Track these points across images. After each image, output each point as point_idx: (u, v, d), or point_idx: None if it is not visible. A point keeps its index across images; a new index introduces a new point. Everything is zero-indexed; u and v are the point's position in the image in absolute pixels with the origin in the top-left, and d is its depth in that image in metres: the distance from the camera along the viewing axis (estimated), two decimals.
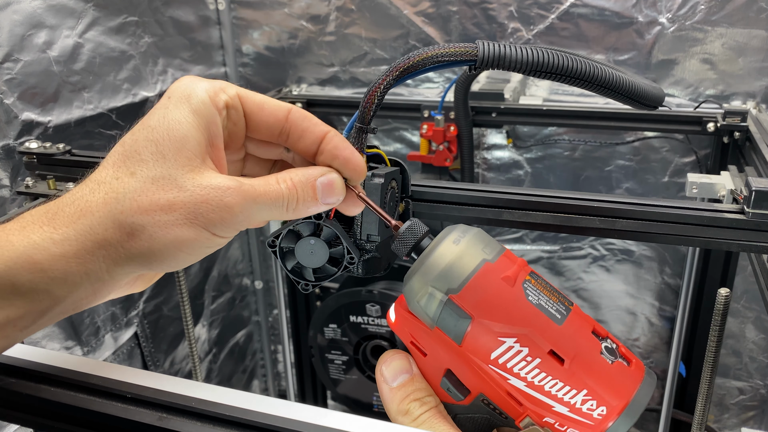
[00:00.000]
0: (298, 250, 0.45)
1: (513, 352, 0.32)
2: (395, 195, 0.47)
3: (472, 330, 0.33)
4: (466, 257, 0.34)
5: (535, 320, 0.33)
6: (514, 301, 0.33)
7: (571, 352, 0.33)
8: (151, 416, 0.39)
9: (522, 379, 0.32)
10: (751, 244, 0.52)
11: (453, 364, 0.34)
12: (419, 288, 0.34)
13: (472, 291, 0.33)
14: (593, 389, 0.32)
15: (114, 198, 0.34)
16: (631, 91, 0.43)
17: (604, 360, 0.33)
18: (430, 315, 0.34)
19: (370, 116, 0.42)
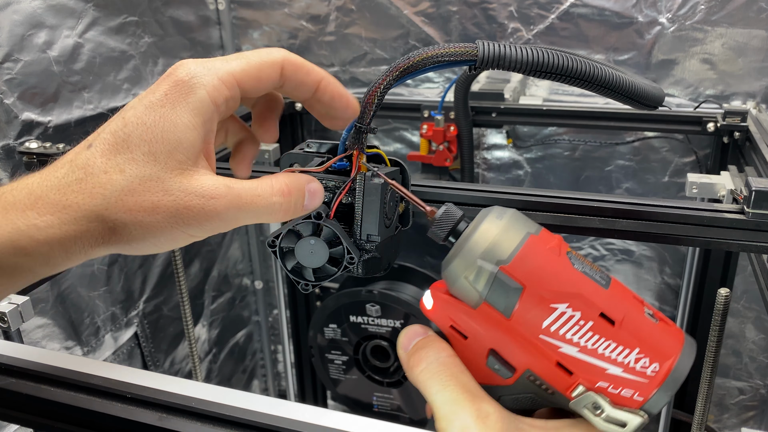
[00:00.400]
0: (298, 250, 0.45)
1: (566, 317, 0.33)
2: (395, 195, 0.47)
3: (523, 300, 0.33)
4: (512, 230, 0.35)
5: (584, 285, 0.34)
6: (563, 268, 0.34)
7: (620, 313, 0.33)
8: (151, 416, 0.39)
9: (575, 345, 0.33)
10: (751, 244, 0.53)
11: (497, 343, 0.35)
12: (466, 266, 0.35)
13: (521, 260, 0.34)
14: (645, 347, 0.33)
15: (101, 194, 0.35)
16: (631, 91, 0.43)
17: (650, 320, 0.34)
18: (479, 290, 0.34)
19: (370, 116, 0.42)
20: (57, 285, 0.95)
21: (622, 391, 0.33)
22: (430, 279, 1.17)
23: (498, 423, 0.34)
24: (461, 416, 0.34)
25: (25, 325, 0.88)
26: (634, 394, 0.33)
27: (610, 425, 0.33)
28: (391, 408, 1.23)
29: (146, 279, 1.15)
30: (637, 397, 0.33)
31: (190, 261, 1.28)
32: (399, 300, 1.11)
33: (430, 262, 1.36)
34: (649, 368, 0.33)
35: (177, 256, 0.99)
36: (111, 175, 0.35)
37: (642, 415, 0.33)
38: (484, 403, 0.34)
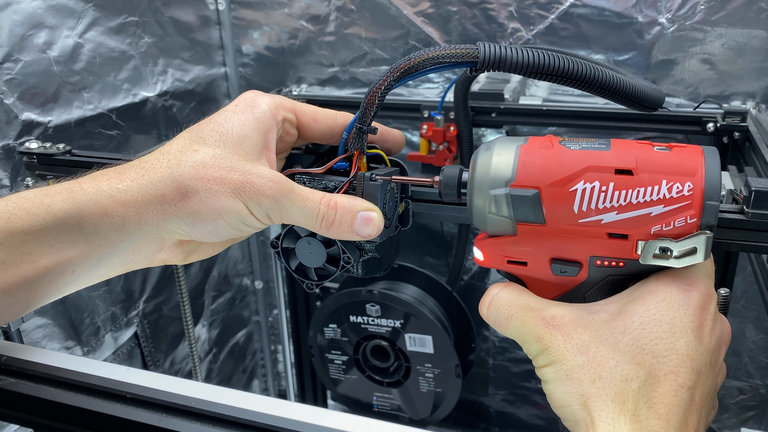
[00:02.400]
0: (298, 249, 0.46)
1: (588, 192, 0.34)
2: (395, 195, 0.47)
3: (545, 200, 0.35)
4: (504, 152, 0.37)
5: (586, 158, 0.35)
6: (561, 155, 0.36)
7: (631, 161, 0.35)
8: (151, 416, 0.39)
9: (611, 210, 0.34)
10: (751, 244, 0.52)
11: (553, 251, 0.36)
12: (483, 201, 0.37)
13: (523, 169, 0.36)
14: (670, 175, 0.34)
15: (176, 164, 0.41)
16: (631, 93, 0.44)
17: (661, 152, 0.35)
18: (506, 215, 0.36)
19: (371, 117, 0.43)
20: None
21: (675, 222, 0.34)
22: (430, 279, 1.18)
23: (566, 317, 0.36)
24: (530, 334, 0.36)
25: (25, 325, 0.89)
26: (686, 218, 0.34)
27: (684, 258, 0.34)
28: (391, 408, 1.23)
29: (146, 279, 1.16)
30: (690, 219, 0.34)
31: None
32: (399, 300, 1.11)
33: (430, 262, 1.36)
34: (684, 189, 0.34)
35: None
36: (186, 152, 0.41)
37: (705, 232, 0.34)
38: (546, 311, 0.37)
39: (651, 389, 0.33)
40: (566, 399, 0.34)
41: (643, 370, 0.33)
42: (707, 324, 0.35)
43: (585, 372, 0.34)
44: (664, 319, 0.34)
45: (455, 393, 1.16)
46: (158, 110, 1.13)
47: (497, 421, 1.44)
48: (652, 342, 0.33)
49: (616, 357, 0.34)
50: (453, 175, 0.40)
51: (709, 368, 0.34)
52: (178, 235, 0.42)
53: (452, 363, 1.13)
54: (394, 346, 1.16)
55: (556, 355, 0.35)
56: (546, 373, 0.36)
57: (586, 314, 0.36)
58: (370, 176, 0.44)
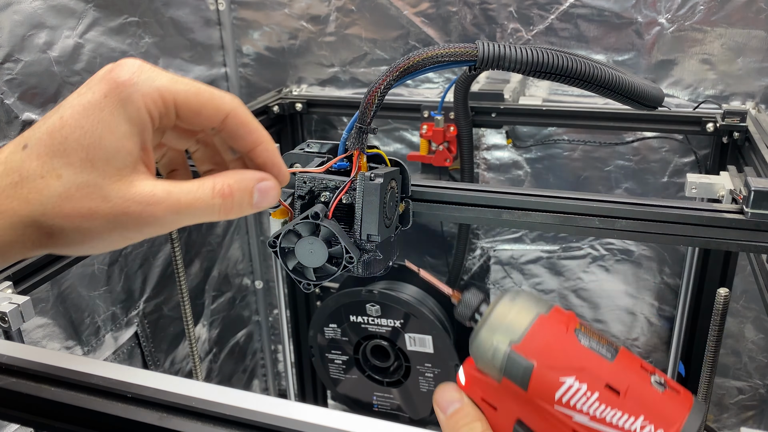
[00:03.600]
0: (298, 249, 0.46)
1: (574, 389, 0.36)
2: (395, 195, 0.47)
3: (535, 375, 0.36)
4: (523, 312, 0.38)
5: (589, 359, 0.37)
6: (569, 344, 0.37)
7: (624, 384, 0.36)
8: (152, 416, 0.39)
9: (585, 414, 0.36)
10: (751, 244, 0.53)
11: (522, 413, 0.38)
12: (486, 345, 0.38)
13: (531, 339, 0.37)
14: (649, 415, 0.35)
15: (38, 200, 0.35)
16: (630, 91, 0.44)
17: (654, 389, 0.37)
18: (497, 367, 0.37)
19: (371, 116, 0.43)
20: (57, 285, 0.95)
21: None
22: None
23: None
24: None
25: (26, 325, 0.89)
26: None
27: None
28: (391, 408, 1.23)
29: (146, 279, 1.16)
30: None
31: (190, 261, 1.28)
32: (399, 300, 1.11)
33: (430, 262, 1.36)
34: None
35: (177, 256, 0.99)
36: (48, 180, 0.35)
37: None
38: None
39: None
40: None
41: None
42: None
43: None
44: None
45: None
46: None
47: None
48: None
49: None
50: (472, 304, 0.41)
51: None
52: None
53: (452, 363, 1.13)
54: (394, 346, 1.16)
55: None
56: None
57: None
58: (370, 176, 0.44)
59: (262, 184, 0.39)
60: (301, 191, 0.46)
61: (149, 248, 1.15)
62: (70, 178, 0.35)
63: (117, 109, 0.35)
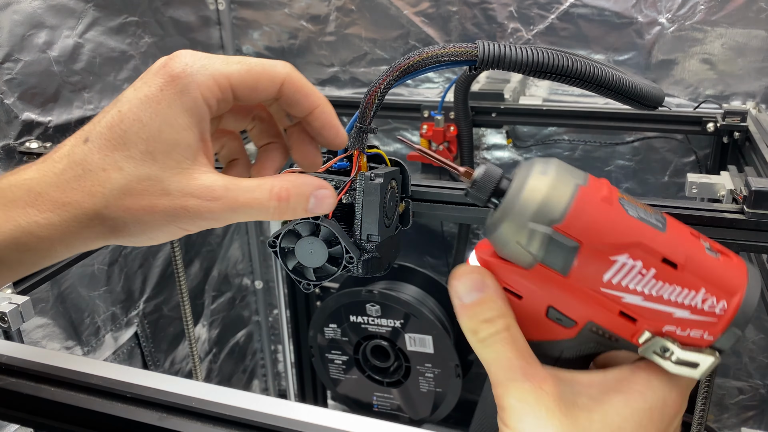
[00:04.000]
0: (298, 249, 0.45)
1: (627, 268, 0.32)
2: (395, 195, 0.47)
3: (580, 257, 0.32)
4: (560, 186, 0.33)
5: (642, 232, 0.32)
6: (618, 217, 0.32)
7: (681, 255, 0.32)
8: (152, 416, 0.39)
9: (639, 294, 0.32)
10: (751, 244, 0.53)
11: (555, 300, 0.33)
12: (517, 230, 0.32)
13: (575, 217, 0.32)
14: (710, 286, 0.32)
15: (101, 192, 0.36)
16: (630, 91, 0.43)
17: (711, 257, 0.33)
18: (533, 252, 0.32)
19: (371, 116, 0.42)
20: (57, 285, 0.95)
21: (690, 332, 0.32)
22: (430, 279, 1.18)
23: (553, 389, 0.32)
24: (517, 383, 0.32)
25: (26, 325, 0.89)
26: (703, 334, 0.32)
27: (681, 367, 0.32)
28: (391, 408, 1.23)
29: (146, 279, 1.16)
30: (707, 336, 0.32)
31: (190, 261, 1.28)
32: (399, 300, 1.11)
33: (430, 262, 1.36)
34: (717, 307, 0.32)
35: (177, 256, 0.99)
36: (109, 173, 0.36)
37: (714, 354, 0.32)
38: (539, 370, 0.33)
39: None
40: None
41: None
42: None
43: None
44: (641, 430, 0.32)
45: (455, 393, 1.16)
46: None
47: None
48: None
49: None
50: (492, 178, 0.34)
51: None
52: None
53: (452, 363, 1.13)
54: (394, 346, 1.16)
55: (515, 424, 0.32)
56: None
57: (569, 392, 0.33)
58: (370, 176, 0.44)
59: (320, 191, 0.39)
60: None
61: (149, 248, 1.15)
62: (131, 170, 0.36)
63: (174, 102, 0.36)
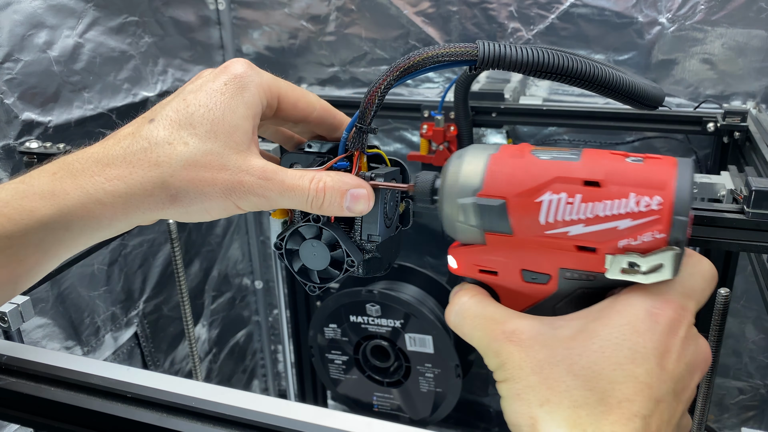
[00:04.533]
0: (302, 252, 0.46)
1: (555, 203, 0.34)
2: (395, 195, 0.47)
3: (511, 209, 0.35)
4: (474, 160, 0.37)
5: (555, 168, 0.35)
6: (529, 164, 0.35)
7: (600, 173, 0.34)
8: (151, 416, 0.39)
9: (578, 222, 0.34)
10: (751, 244, 0.52)
11: (522, 262, 0.36)
12: (452, 210, 0.37)
13: (491, 178, 0.35)
14: (638, 188, 0.33)
15: (167, 162, 0.39)
16: (631, 91, 0.43)
17: (633, 163, 0.34)
18: (474, 224, 0.36)
19: (371, 116, 0.42)
20: (57, 285, 0.95)
21: (642, 237, 0.33)
22: (430, 279, 1.17)
23: (526, 333, 0.35)
24: (490, 347, 0.35)
25: (25, 325, 0.89)
26: (654, 232, 0.33)
27: (652, 275, 0.33)
28: (391, 408, 1.23)
29: (146, 279, 1.16)
30: (658, 234, 0.33)
31: (190, 261, 1.28)
32: (399, 300, 1.11)
33: (430, 262, 1.36)
34: (653, 203, 0.33)
35: (177, 256, 0.99)
36: (175, 146, 0.39)
37: (673, 249, 0.33)
38: (508, 323, 0.35)
39: (601, 417, 0.31)
40: (516, 419, 0.34)
41: (594, 396, 0.32)
42: (674, 350, 0.33)
43: (535, 394, 0.33)
44: (626, 344, 0.32)
45: (455, 393, 1.16)
46: None
47: (497, 421, 1.44)
48: (610, 367, 0.32)
49: (569, 380, 0.32)
50: (426, 182, 0.40)
51: (671, 396, 0.33)
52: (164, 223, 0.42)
53: (452, 363, 1.13)
54: (394, 346, 1.16)
55: (511, 372, 0.34)
56: (501, 389, 0.35)
57: (549, 329, 0.34)
58: (370, 176, 0.44)
59: (356, 190, 0.42)
60: None
61: (149, 248, 1.15)
62: (196, 145, 0.39)
63: (236, 95, 0.40)
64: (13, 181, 0.40)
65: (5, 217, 0.37)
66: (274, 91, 0.43)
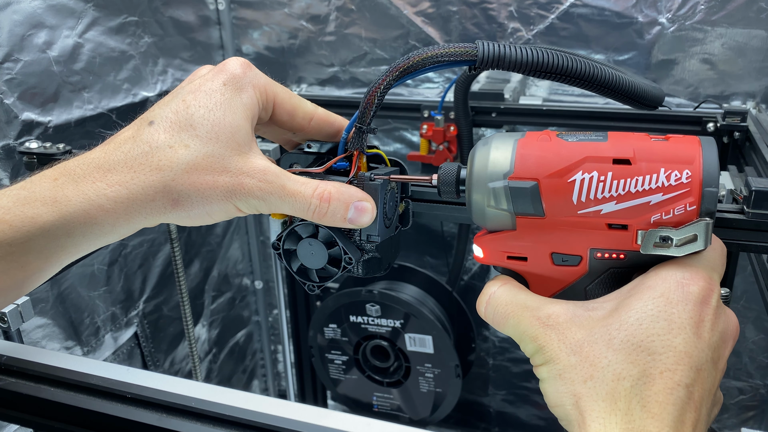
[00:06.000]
0: (300, 251, 0.46)
1: (587, 182, 0.35)
2: (395, 195, 0.47)
3: (544, 191, 0.35)
4: (501, 146, 0.37)
5: (584, 148, 0.36)
6: (558, 146, 0.36)
7: (629, 151, 0.35)
8: (151, 416, 0.39)
9: (610, 199, 0.35)
10: (751, 244, 0.52)
11: (553, 244, 0.37)
12: (482, 195, 0.37)
13: (521, 161, 0.36)
14: (667, 163, 0.35)
15: (168, 167, 0.38)
16: (631, 91, 0.43)
17: (658, 142, 0.36)
18: (505, 208, 0.36)
19: (370, 116, 0.42)
20: (57, 285, 0.95)
21: (675, 210, 0.34)
22: (430, 279, 1.18)
23: (561, 316, 0.36)
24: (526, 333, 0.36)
25: (25, 325, 0.89)
26: (686, 205, 0.34)
27: (684, 246, 0.34)
28: (391, 408, 1.23)
29: (146, 279, 1.16)
30: (690, 207, 0.34)
31: (190, 261, 1.28)
32: (399, 300, 1.11)
33: (430, 262, 1.36)
34: (683, 176, 0.34)
35: (177, 256, 0.99)
36: (176, 149, 0.39)
37: (704, 219, 0.34)
38: (542, 309, 0.36)
39: (645, 388, 0.32)
40: (559, 399, 0.35)
41: (636, 369, 0.33)
42: (707, 319, 0.34)
43: (577, 372, 0.34)
44: (662, 315, 0.33)
45: (455, 393, 1.16)
46: None
47: (497, 421, 1.44)
48: (649, 339, 0.33)
49: (609, 356, 0.33)
50: (451, 172, 0.40)
51: (710, 365, 0.34)
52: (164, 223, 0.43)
53: (452, 363, 1.13)
54: (394, 346, 1.16)
55: (550, 355, 0.35)
56: (541, 372, 0.36)
57: (583, 311, 0.36)
58: (370, 176, 0.44)
59: (360, 203, 0.42)
60: None
61: (149, 248, 1.15)
62: (198, 147, 0.39)
63: (235, 95, 0.40)
64: (14, 187, 0.39)
65: (7, 224, 0.37)
66: (270, 95, 0.43)
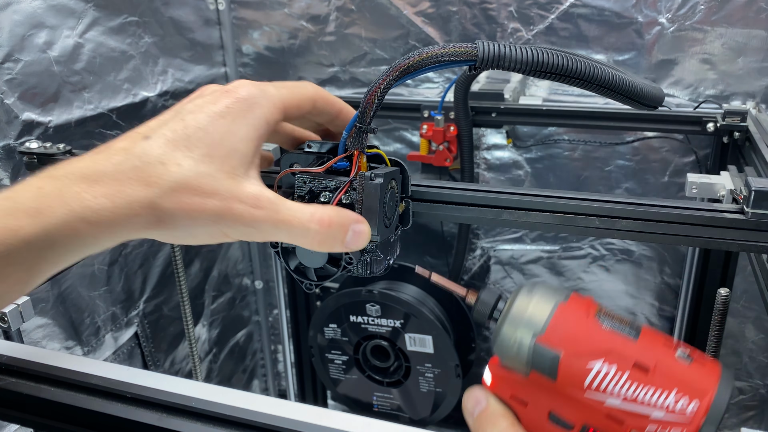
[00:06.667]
0: (299, 249, 0.46)
1: (603, 373, 0.36)
2: (395, 195, 0.47)
3: (563, 363, 0.36)
4: (542, 302, 0.38)
5: (614, 341, 0.37)
6: (593, 329, 0.37)
7: (652, 360, 0.36)
8: (151, 416, 0.39)
9: (617, 396, 0.36)
10: (751, 244, 0.52)
11: (553, 405, 0.38)
12: (510, 340, 0.38)
13: (554, 328, 0.37)
14: (681, 387, 0.35)
15: (157, 182, 0.37)
16: (630, 91, 0.43)
17: (682, 362, 0.37)
18: (523, 361, 0.37)
19: (371, 116, 0.43)
20: (57, 285, 0.95)
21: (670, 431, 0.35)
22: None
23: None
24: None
25: (26, 325, 0.88)
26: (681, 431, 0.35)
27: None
28: (391, 408, 1.23)
29: (146, 279, 1.16)
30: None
31: (190, 261, 1.28)
32: (399, 300, 1.11)
33: (430, 262, 1.36)
34: (689, 406, 0.35)
35: (177, 256, 0.99)
36: (168, 167, 0.38)
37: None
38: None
39: None
40: None
41: None
42: None
43: None
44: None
45: (455, 393, 1.16)
46: (158, 110, 1.13)
47: None
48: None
49: None
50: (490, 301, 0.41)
51: None
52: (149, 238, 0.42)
53: (452, 363, 1.13)
54: (394, 346, 1.16)
55: None
56: None
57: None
58: (370, 176, 0.44)
59: (358, 225, 0.41)
60: (301, 191, 0.46)
61: (149, 248, 1.15)
62: (190, 167, 0.38)
63: (239, 117, 0.40)
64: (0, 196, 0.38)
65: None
66: (280, 107, 0.42)
